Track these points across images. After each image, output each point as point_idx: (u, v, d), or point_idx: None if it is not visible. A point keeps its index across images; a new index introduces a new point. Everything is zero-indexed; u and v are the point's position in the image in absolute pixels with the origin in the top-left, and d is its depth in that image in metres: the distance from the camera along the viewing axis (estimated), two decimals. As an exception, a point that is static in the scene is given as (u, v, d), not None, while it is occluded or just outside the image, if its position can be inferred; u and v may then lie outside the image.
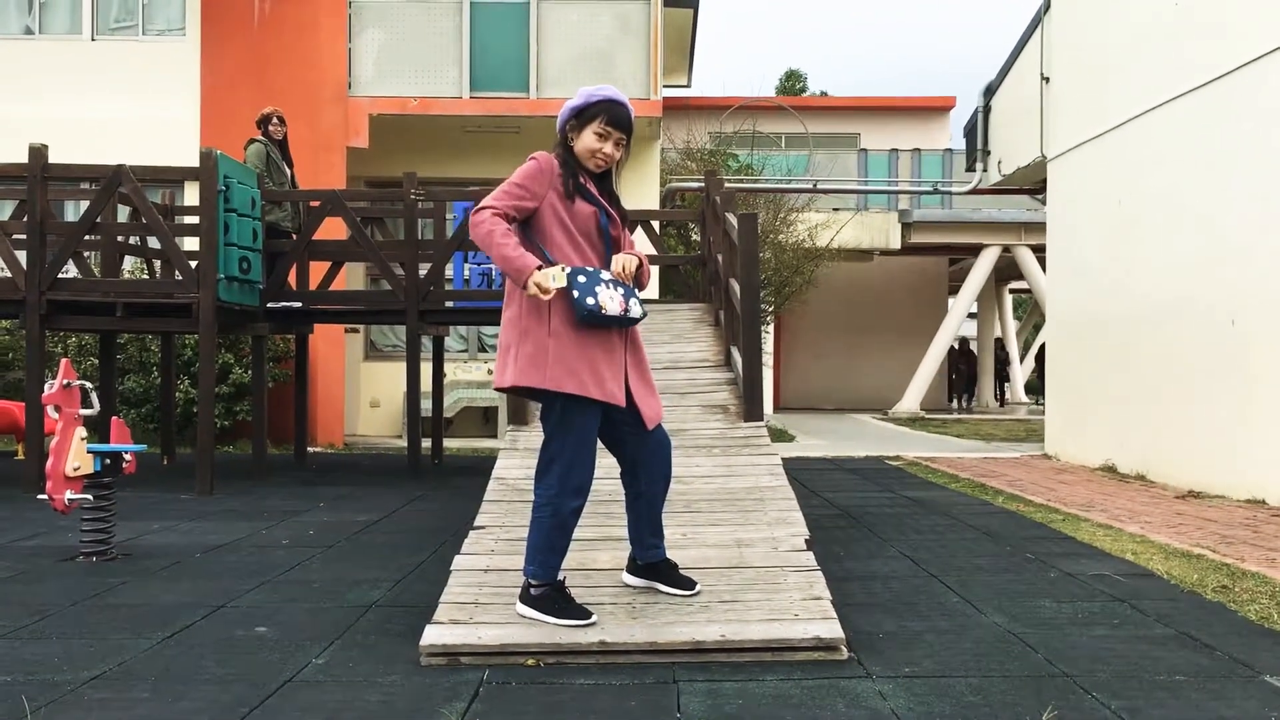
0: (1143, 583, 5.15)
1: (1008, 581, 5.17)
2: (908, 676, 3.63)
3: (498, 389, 4.14)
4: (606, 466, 5.65)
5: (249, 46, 13.68)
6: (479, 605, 4.13)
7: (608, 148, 4.07)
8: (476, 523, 4.98)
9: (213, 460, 8.61)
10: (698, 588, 4.26)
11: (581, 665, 3.78)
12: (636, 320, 4.10)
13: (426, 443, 10.89)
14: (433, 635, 3.89)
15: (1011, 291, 31.67)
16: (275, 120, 10.05)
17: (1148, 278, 10.13)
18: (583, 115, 4.06)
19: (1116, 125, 10.73)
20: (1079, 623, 4.36)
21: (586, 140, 4.06)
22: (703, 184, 9.48)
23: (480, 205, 3.98)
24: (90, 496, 5.66)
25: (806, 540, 4.72)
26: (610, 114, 4.04)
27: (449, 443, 12.68)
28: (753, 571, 4.42)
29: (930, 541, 6.34)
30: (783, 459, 5.93)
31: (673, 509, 5.12)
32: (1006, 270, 24.58)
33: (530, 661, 3.81)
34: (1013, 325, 32.01)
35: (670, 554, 4.45)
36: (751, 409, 6.33)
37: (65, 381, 5.71)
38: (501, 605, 4.13)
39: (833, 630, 3.90)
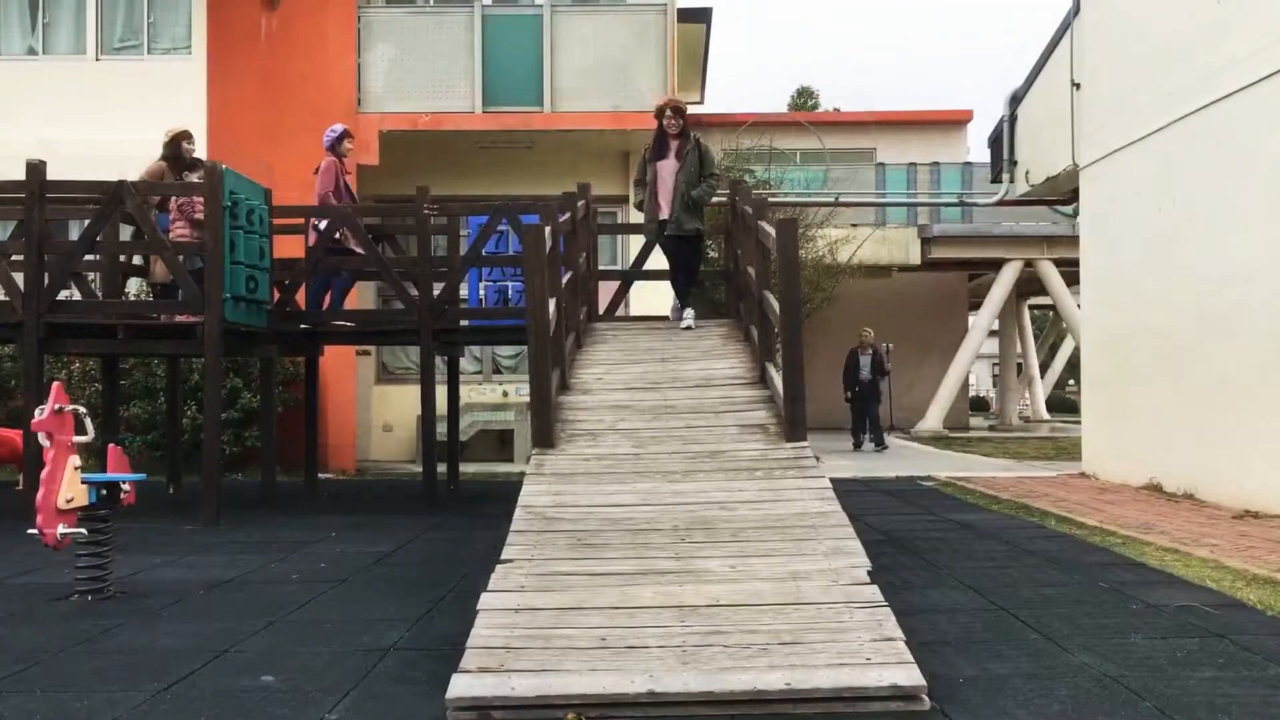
0: (1236, 614, 4.69)
1: (1087, 614, 4.72)
2: (1004, 731, 3.19)
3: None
4: (643, 493, 5.26)
5: (256, 64, 13.37)
6: (510, 651, 3.70)
7: None
8: (504, 556, 4.55)
9: (219, 489, 8.21)
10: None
11: (629, 719, 3.35)
12: None
13: (441, 467, 10.47)
14: (460, 687, 3.46)
15: (1030, 308, 31.20)
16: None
17: (1192, 287, 9.68)
18: None
19: (1156, 129, 10.30)
20: (1180, 663, 3.90)
21: None
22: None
23: None
24: (84, 530, 5.25)
25: (869, 572, 4.28)
26: None
27: (464, 467, 12.24)
28: (813, 609, 3.98)
29: (990, 569, 5.89)
30: (826, 482, 5.48)
31: (718, 538, 4.70)
32: (1026, 286, 24.11)
33: (571, 716, 3.39)
34: (1033, 342, 31.52)
35: (720, 587, 4.21)
36: (794, 429, 5.89)
37: (57, 406, 5.31)
38: (536, 650, 3.70)
39: (912, 677, 3.46)
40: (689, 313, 8.85)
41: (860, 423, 17.55)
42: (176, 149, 9.47)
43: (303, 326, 9.67)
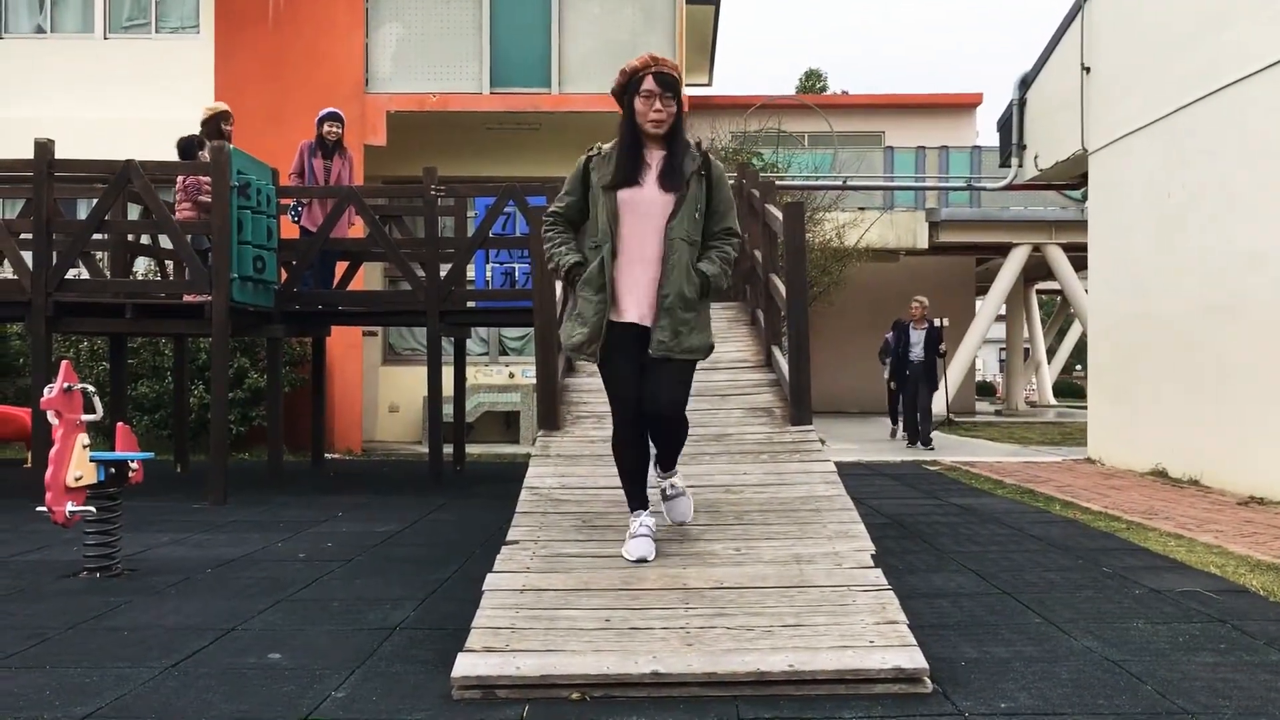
0: (1239, 600, 4.70)
1: (1089, 599, 4.73)
2: (1005, 714, 3.20)
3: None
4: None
5: (264, 43, 13.35)
6: (515, 631, 3.72)
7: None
8: (509, 537, 4.57)
9: (226, 468, 8.24)
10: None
11: (632, 699, 3.37)
12: None
13: (447, 449, 10.50)
14: (465, 665, 3.49)
15: (1038, 293, 31.12)
16: None
17: (1201, 273, 9.65)
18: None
19: (1166, 114, 10.25)
20: (1182, 648, 3.91)
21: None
22: None
23: None
24: (93, 508, 5.28)
25: (873, 555, 4.29)
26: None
27: (470, 449, 12.28)
28: (817, 591, 3.99)
29: (993, 554, 5.90)
30: (831, 465, 5.49)
31: (723, 520, 4.71)
32: (1034, 270, 24.02)
33: (575, 695, 3.41)
34: (1040, 327, 31.47)
35: (724, 569, 4.23)
36: (799, 412, 5.90)
37: (65, 385, 5.33)
38: (541, 630, 3.72)
39: (914, 660, 3.47)
40: (678, 482, 4.73)
41: (910, 410, 14.27)
42: (215, 128, 9.38)
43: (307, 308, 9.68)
